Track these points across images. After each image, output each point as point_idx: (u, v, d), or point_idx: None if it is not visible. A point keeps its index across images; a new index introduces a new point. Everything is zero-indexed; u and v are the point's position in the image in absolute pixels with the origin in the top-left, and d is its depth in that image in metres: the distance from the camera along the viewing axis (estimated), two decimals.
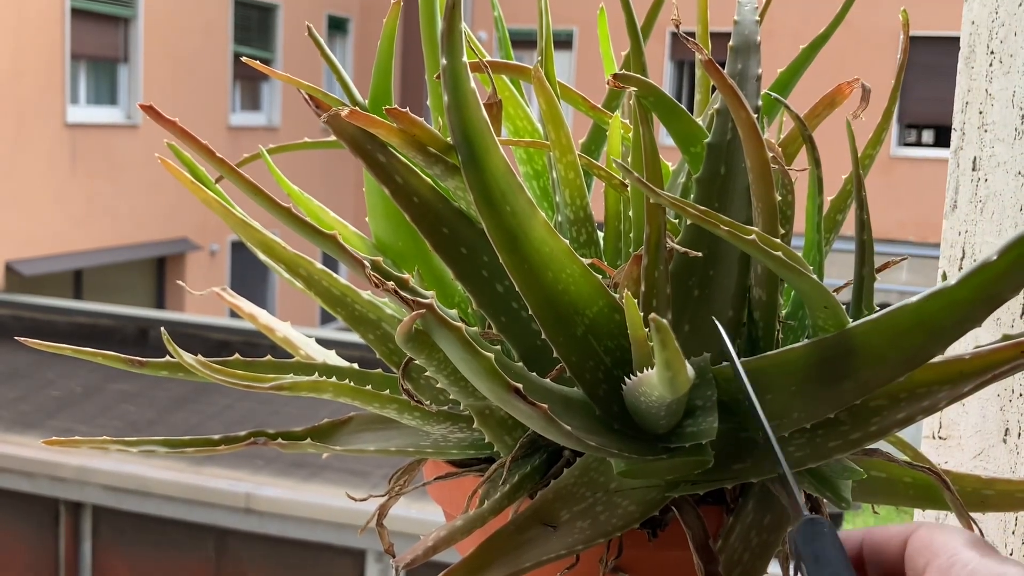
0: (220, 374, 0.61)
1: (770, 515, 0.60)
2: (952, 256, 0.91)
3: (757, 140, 0.54)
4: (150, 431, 5.70)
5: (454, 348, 0.49)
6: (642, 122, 0.59)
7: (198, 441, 0.63)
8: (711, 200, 0.60)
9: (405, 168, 0.56)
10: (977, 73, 0.89)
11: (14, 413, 6.14)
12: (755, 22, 0.63)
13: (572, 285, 0.55)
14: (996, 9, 0.87)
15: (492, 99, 0.59)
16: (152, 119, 0.57)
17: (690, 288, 0.60)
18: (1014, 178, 0.84)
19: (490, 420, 0.60)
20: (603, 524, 0.56)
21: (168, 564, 5.70)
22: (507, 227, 0.53)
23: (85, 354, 0.65)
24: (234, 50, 11.57)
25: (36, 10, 9.24)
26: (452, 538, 0.55)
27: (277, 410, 6.18)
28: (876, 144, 0.68)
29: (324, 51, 0.71)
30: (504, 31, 0.78)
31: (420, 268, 0.72)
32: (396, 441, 0.66)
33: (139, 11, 10.34)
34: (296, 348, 0.73)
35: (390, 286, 0.51)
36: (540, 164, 0.74)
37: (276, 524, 5.25)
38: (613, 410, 0.57)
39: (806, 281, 0.52)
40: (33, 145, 9.29)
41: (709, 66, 0.55)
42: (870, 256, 0.58)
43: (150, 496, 5.42)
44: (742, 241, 0.49)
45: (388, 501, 0.69)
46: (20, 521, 5.86)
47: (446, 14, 0.50)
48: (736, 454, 0.57)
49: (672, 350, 0.44)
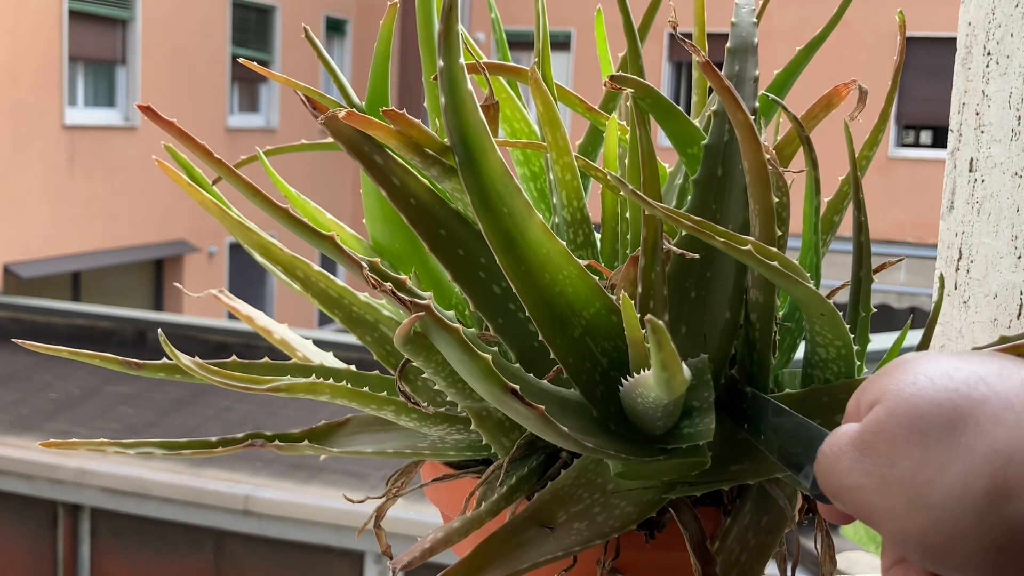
0: (217, 376, 0.61)
1: (767, 517, 0.61)
2: (949, 257, 0.92)
3: (754, 142, 0.54)
4: (148, 433, 5.70)
5: (452, 349, 0.49)
6: (639, 124, 0.59)
7: (195, 443, 0.63)
8: (708, 202, 0.60)
9: (402, 170, 0.56)
10: (974, 74, 0.89)
11: (12, 415, 6.13)
12: (752, 24, 0.63)
13: (569, 287, 0.55)
14: (993, 10, 0.87)
15: (489, 101, 0.60)
16: (150, 120, 0.58)
17: (687, 290, 0.60)
18: (1011, 179, 0.84)
19: (488, 422, 0.60)
20: (600, 525, 0.56)
21: (167, 566, 5.69)
22: (504, 229, 0.54)
23: (83, 356, 0.65)
24: (232, 51, 11.57)
25: (34, 12, 9.24)
26: (449, 540, 0.55)
27: (275, 412, 6.18)
28: (873, 145, 0.68)
29: (321, 53, 0.71)
30: (501, 32, 0.78)
31: (417, 270, 0.72)
32: (394, 443, 0.66)
33: (137, 13, 10.34)
34: (294, 350, 0.73)
35: (388, 287, 0.51)
36: (537, 166, 0.74)
37: (275, 526, 5.25)
38: (610, 411, 0.57)
39: (803, 289, 0.52)
40: (31, 147, 9.29)
41: (706, 68, 0.55)
42: (867, 258, 0.58)
43: (149, 498, 5.42)
44: (738, 252, 0.49)
45: (386, 503, 0.69)
46: (18, 523, 5.86)
47: (443, 16, 0.50)
48: (733, 455, 0.57)
49: (668, 352, 0.44)
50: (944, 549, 0.35)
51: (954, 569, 0.35)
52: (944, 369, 0.38)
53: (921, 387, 0.38)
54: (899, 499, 0.36)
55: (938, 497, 0.35)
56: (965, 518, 0.34)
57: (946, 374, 0.37)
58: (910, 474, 0.36)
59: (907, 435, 0.37)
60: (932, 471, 0.36)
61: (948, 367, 0.38)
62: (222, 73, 11.46)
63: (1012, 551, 0.34)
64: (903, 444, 0.37)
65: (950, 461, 0.35)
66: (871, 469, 0.37)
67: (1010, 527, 0.34)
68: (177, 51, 10.82)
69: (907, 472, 0.36)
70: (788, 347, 0.65)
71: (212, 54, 11.32)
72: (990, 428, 0.35)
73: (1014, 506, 0.34)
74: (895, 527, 0.36)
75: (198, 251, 11.09)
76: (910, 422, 0.37)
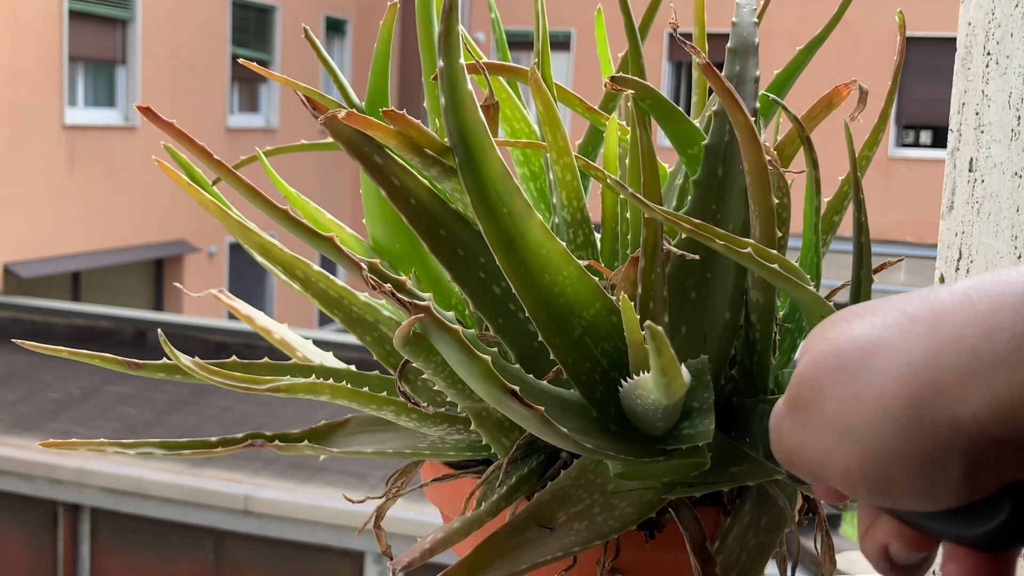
0: (217, 376, 0.61)
1: (767, 517, 0.61)
2: (949, 257, 0.91)
3: (755, 144, 0.54)
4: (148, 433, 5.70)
5: (451, 350, 0.49)
6: (639, 125, 0.59)
7: (195, 443, 0.63)
8: (709, 202, 0.60)
9: (402, 170, 0.56)
10: (974, 74, 0.89)
11: (12, 415, 6.13)
12: (753, 24, 0.63)
13: (569, 287, 0.55)
14: (992, 11, 0.87)
15: (489, 101, 0.60)
16: (150, 121, 0.58)
17: (687, 290, 0.60)
18: (1011, 179, 0.84)
19: (487, 422, 0.60)
20: (600, 526, 0.56)
21: (167, 566, 5.69)
22: (504, 229, 0.54)
23: (83, 356, 0.65)
24: (232, 51, 11.57)
25: (34, 12, 9.24)
26: (449, 540, 0.55)
27: (275, 412, 6.18)
28: (873, 145, 0.68)
29: (320, 53, 0.71)
30: (501, 33, 0.78)
31: (417, 270, 0.72)
32: (393, 443, 0.66)
33: (137, 13, 10.34)
34: (293, 350, 0.73)
35: (387, 288, 0.51)
36: (537, 166, 0.74)
37: (275, 526, 5.25)
38: (610, 412, 0.57)
39: (803, 292, 0.52)
40: (31, 147, 9.28)
41: (707, 70, 0.55)
42: (868, 259, 0.58)
43: (149, 498, 5.42)
44: (738, 255, 0.49)
45: (386, 503, 0.69)
46: (18, 524, 5.86)
47: (443, 16, 0.50)
48: (733, 457, 0.57)
49: (667, 357, 0.44)
50: (882, 478, 0.34)
51: (897, 496, 0.35)
52: (859, 310, 0.38)
53: (839, 329, 0.37)
54: (833, 440, 0.36)
55: (863, 424, 0.35)
56: (892, 438, 0.34)
57: (862, 313, 0.37)
58: (836, 410, 0.36)
59: (828, 375, 0.36)
60: (854, 401, 0.35)
61: (865, 308, 0.38)
62: (222, 73, 11.46)
63: (940, 460, 0.33)
64: (827, 386, 0.36)
65: (868, 385, 0.35)
66: (805, 420, 0.37)
67: (934, 434, 0.33)
68: (177, 51, 10.82)
69: (833, 410, 0.36)
70: (788, 347, 0.65)
71: (212, 54, 11.32)
72: (900, 344, 0.35)
73: (933, 413, 0.33)
74: (837, 471, 0.36)
75: (198, 251, 11.09)
76: (830, 362, 0.37)
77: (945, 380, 0.33)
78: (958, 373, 0.33)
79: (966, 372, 0.32)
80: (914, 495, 0.34)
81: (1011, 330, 0.32)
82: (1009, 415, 0.31)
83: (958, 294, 0.34)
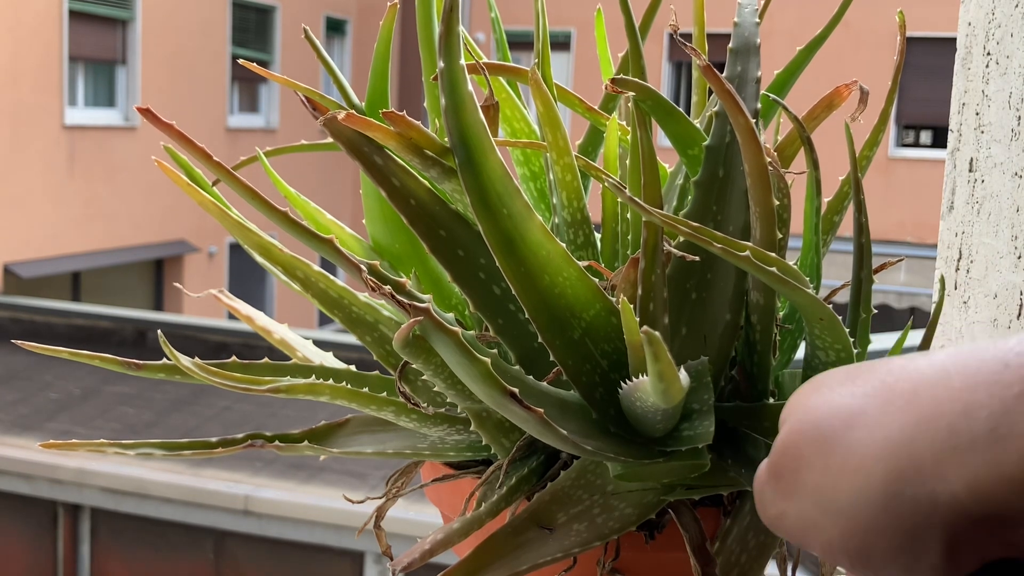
0: (217, 376, 0.61)
1: None
2: (949, 257, 0.91)
3: (756, 145, 0.53)
4: (148, 433, 5.70)
5: (451, 352, 0.49)
6: (639, 126, 0.59)
7: (195, 444, 0.63)
8: (709, 203, 0.60)
9: (402, 171, 0.56)
10: (974, 74, 0.89)
11: (12, 416, 6.13)
12: (755, 24, 0.63)
13: (569, 288, 0.55)
14: (992, 11, 0.87)
15: (489, 101, 0.59)
16: (149, 122, 0.57)
17: (688, 291, 0.60)
18: (1011, 179, 0.84)
19: (487, 423, 0.60)
20: (600, 527, 0.56)
21: (167, 566, 5.69)
22: (504, 230, 0.53)
23: (83, 357, 0.65)
24: (232, 52, 11.57)
25: (34, 12, 9.24)
26: (449, 540, 0.55)
27: (275, 412, 6.18)
28: (873, 145, 0.68)
29: (320, 53, 0.71)
30: (501, 33, 0.78)
31: (417, 271, 0.72)
32: (393, 443, 0.66)
33: (137, 13, 10.34)
34: (293, 350, 0.73)
35: (387, 290, 0.51)
36: (537, 166, 0.74)
37: (275, 526, 5.25)
38: (610, 413, 0.57)
39: (802, 295, 0.52)
40: (31, 147, 9.29)
41: (707, 71, 0.55)
42: (868, 259, 0.58)
43: (149, 498, 5.42)
44: (736, 258, 0.49)
45: (386, 503, 0.69)
46: (18, 524, 5.86)
47: (444, 16, 0.50)
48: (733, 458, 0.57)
49: (665, 362, 0.44)
50: (863, 552, 0.34)
51: (879, 571, 0.34)
52: (841, 376, 0.37)
53: (820, 397, 0.37)
54: (815, 512, 0.36)
55: (844, 498, 0.35)
56: (871, 513, 0.34)
57: (843, 380, 0.37)
58: (817, 483, 0.36)
59: (809, 446, 0.36)
60: (835, 474, 0.35)
61: (847, 374, 0.37)
62: (222, 73, 11.46)
63: (920, 537, 0.33)
64: (808, 456, 0.36)
65: (848, 458, 0.35)
66: (787, 490, 0.37)
67: (913, 510, 0.33)
68: (177, 51, 10.82)
69: (815, 483, 0.36)
70: (788, 348, 0.65)
71: (212, 54, 11.32)
72: (880, 417, 0.34)
73: (912, 489, 0.33)
74: (820, 542, 0.36)
75: (198, 251, 11.09)
76: (810, 432, 0.36)
77: (924, 457, 0.33)
78: (937, 450, 0.33)
79: (944, 450, 0.32)
80: (895, 570, 0.34)
81: (988, 408, 0.32)
82: (988, 494, 0.31)
83: (936, 367, 0.34)
